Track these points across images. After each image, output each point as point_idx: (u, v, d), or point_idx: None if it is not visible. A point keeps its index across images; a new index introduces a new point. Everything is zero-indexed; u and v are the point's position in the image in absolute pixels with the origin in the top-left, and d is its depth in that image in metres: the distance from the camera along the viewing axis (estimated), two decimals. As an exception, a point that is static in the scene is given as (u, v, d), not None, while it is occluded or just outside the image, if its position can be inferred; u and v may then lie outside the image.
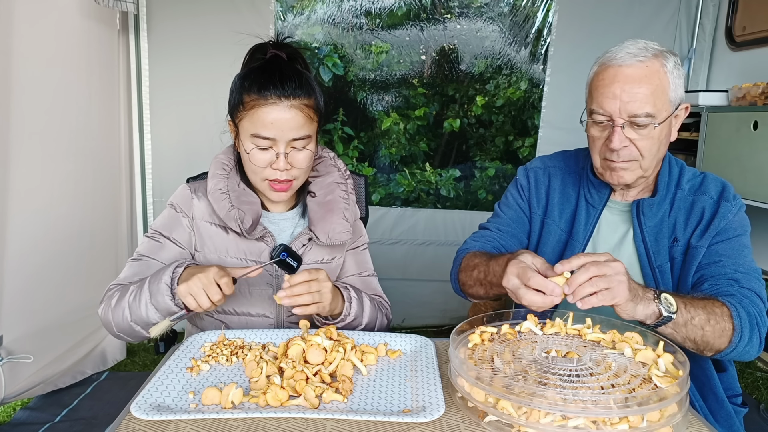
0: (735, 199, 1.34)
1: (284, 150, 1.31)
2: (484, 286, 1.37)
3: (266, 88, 1.28)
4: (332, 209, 1.42)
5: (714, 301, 1.19)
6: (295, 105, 1.29)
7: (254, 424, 0.94)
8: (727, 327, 1.16)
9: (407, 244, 3.45)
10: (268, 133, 1.29)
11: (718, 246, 1.30)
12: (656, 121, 1.27)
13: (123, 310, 1.25)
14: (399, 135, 3.35)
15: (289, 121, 1.29)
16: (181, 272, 1.22)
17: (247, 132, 1.31)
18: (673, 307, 1.12)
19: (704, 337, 1.16)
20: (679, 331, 1.14)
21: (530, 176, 1.54)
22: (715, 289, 1.25)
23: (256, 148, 1.31)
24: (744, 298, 1.22)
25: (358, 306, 1.36)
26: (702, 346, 1.18)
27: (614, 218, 1.43)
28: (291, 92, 1.28)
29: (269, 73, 1.30)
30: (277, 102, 1.28)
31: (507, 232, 1.52)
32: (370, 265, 1.57)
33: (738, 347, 1.17)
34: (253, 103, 1.29)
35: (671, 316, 1.11)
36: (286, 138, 1.30)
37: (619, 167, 1.32)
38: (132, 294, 1.25)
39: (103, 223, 2.79)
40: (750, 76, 2.88)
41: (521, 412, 0.91)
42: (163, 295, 1.20)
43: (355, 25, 3.19)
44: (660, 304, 1.11)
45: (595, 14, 3.21)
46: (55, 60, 2.38)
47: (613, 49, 1.31)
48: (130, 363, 3.01)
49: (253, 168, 1.34)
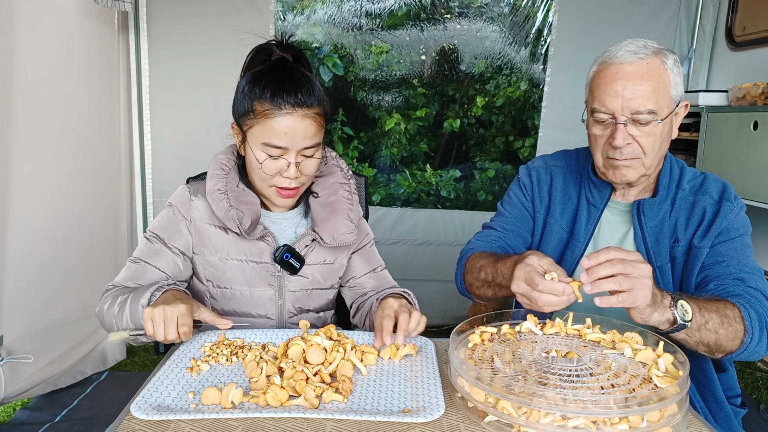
0: (736, 199, 1.34)
1: (295, 159, 1.29)
2: (493, 288, 1.36)
3: (279, 96, 1.25)
4: (336, 210, 1.41)
5: (726, 303, 1.17)
6: (309, 114, 1.28)
7: (254, 424, 0.94)
8: (739, 329, 1.15)
9: (407, 245, 3.45)
10: (280, 143, 1.27)
11: (721, 246, 1.30)
12: (658, 118, 1.27)
13: (111, 318, 1.27)
14: (399, 135, 3.35)
15: (302, 131, 1.27)
16: (159, 296, 1.21)
17: (258, 140, 1.29)
18: (688, 315, 1.09)
19: (718, 340, 1.14)
20: (693, 336, 1.12)
21: (533, 175, 1.54)
22: (721, 290, 1.24)
23: (269, 158, 1.29)
24: (752, 298, 1.21)
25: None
26: (715, 349, 1.16)
27: (615, 218, 1.43)
28: (305, 101, 1.26)
29: (281, 81, 1.27)
30: (291, 112, 1.26)
31: (512, 231, 1.51)
32: (380, 260, 1.57)
33: (749, 348, 1.16)
34: (266, 113, 1.26)
35: (686, 324, 1.09)
36: (298, 147, 1.28)
37: (622, 165, 1.32)
38: (118, 307, 1.26)
39: (103, 224, 2.79)
40: (750, 76, 2.88)
41: (521, 412, 0.91)
42: (139, 317, 1.20)
43: (355, 25, 3.19)
44: (676, 311, 1.09)
45: (595, 14, 3.21)
46: (55, 60, 2.38)
47: (613, 48, 1.31)
48: (130, 363, 3.01)
49: (262, 176, 1.32)
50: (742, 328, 1.15)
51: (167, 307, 1.14)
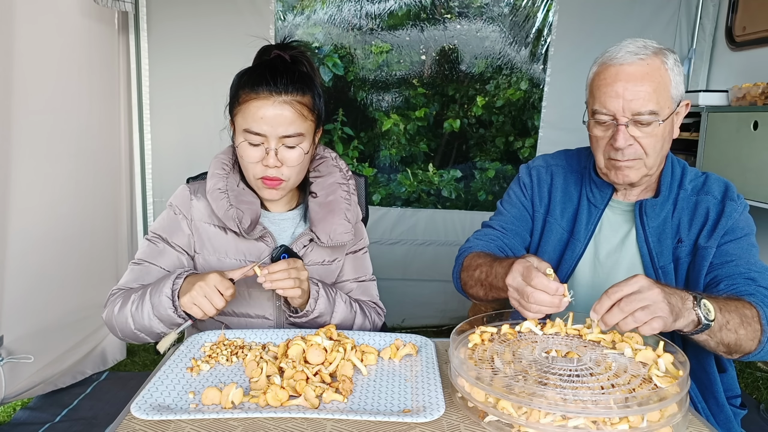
0: (739, 198, 1.34)
1: (274, 146, 1.31)
2: (484, 288, 1.36)
3: (258, 84, 1.29)
4: (333, 210, 1.41)
5: (744, 303, 1.15)
6: (287, 101, 1.29)
7: (254, 424, 0.94)
8: (757, 328, 1.13)
9: (407, 244, 3.45)
10: (258, 128, 1.29)
11: (728, 246, 1.29)
12: (660, 119, 1.27)
13: (126, 318, 1.27)
14: (399, 135, 3.35)
15: (278, 117, 1.29)
16: (181, 283, 1.23)
17: (240, 127, 1.32)
18: (711, 314, 1.07)
19: (738, 340, 1.12)
20: (714, 337, 1.10)
21: (533, 174, 1.54)
22: (732, 289, 1.22)
23: (246, 143, 1.32)
24: (765, 298, 1.19)
25: (326, 304, 1.35)
26: (734, 349, 1.14)
27: (616, 218, 1.43)
28: (283, 88, 1.29)
29: (263, 70, 1.31)
30: (268, 97, 1.29)
31: (511, 230, 1.51)
32: (369, 270, 1.57)
33: (765, 348, 1.14)
34: (245, 98, 1.30)
35: (710, 323, 1.07)
36: (277, 134, 1.30)
37: (624, 166, 1.32)
38: (134, 304, 1.26)
39: (103, 223, 2.79)
40: (750, 76, 2.88)
41: (521, 412, 0.91)
42: (165, 308, 1.21)
43: (355, 26, 3.19)
44: (699, 310, 1.06)
45: (595, 14, 3.21)
46: (56, 60, 2.38)
47: (612, 49, 1.30)
48: (130, 363, 3.01)
49: (245, 164, 1.35)
50: (759, 327, 1.14)
51: (201, 283, 1.18)
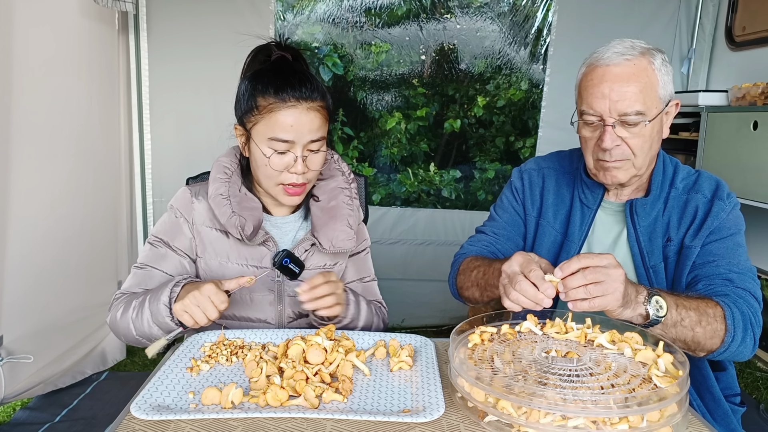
0: (729, 197, 1.34)
1: (302, 153, 1.30)
2: (480, 287, 1.37)
3: (284, 90, 1.27)
4: (336, 216, 1.40)
5: (708, 302, 1.18)
6: (313, 107, 1.29)
7: (254, 424, 0.94)
8: (719, 328, 1.16)
9: (407, 244, 3.45)
10: (287, 136, 1.27)
11: (712, 246, 1.30)
12: (647, 119, 1.27)
13: (128, 324, 1.27)
14: (399, 135, 3.35)
15: (308, 124, 1.28)
16: (178, 291, 1.22)
17: (264, 136, 1.29)
18: (662, 311, 1.11)
19: (695, 338, 1.16)
20: (668, 332, 1.14)
21: (524, 178, 1.54)
22: (710, 289, 1.24)
23: (275, 153, 1.29)
24: (738, 299, 1.21)
25: (354, 309, 1.36)
26: (693, 347, 1.18)
27: (608, 218, 1.43)
28: (309, 94, 1.28)
29: (284, 75, 1.29)
30: (296, 104, 1.27)
31: (503, 235, 1.52)
32: (371, 270, 1.56)
33: (731, 348, 1.17)
34: (270, 107, 1.27)
35: (658, 319, 1.11)
36: (305, 140, 1.29)
37: (612, 167, 1.32)
38: (135, 311, 1.26)
39: (103, 224, 2.79)
40: (750, 76, 2.88)
41: (521, 412, 0.91)
42: (163, 316, 1.21)
43: (355, 25, 3.19)
44: (649, 306, 1.11)
45: (595, 14, 3.21)
46: (56, 60, 2.38)
47: (600, 50, 1.30)
48: (130, 363, 3.01)
49: (269, 173, 1.31)
50: (722, 327, 1.16)
51: (196, 293, 1.17)
